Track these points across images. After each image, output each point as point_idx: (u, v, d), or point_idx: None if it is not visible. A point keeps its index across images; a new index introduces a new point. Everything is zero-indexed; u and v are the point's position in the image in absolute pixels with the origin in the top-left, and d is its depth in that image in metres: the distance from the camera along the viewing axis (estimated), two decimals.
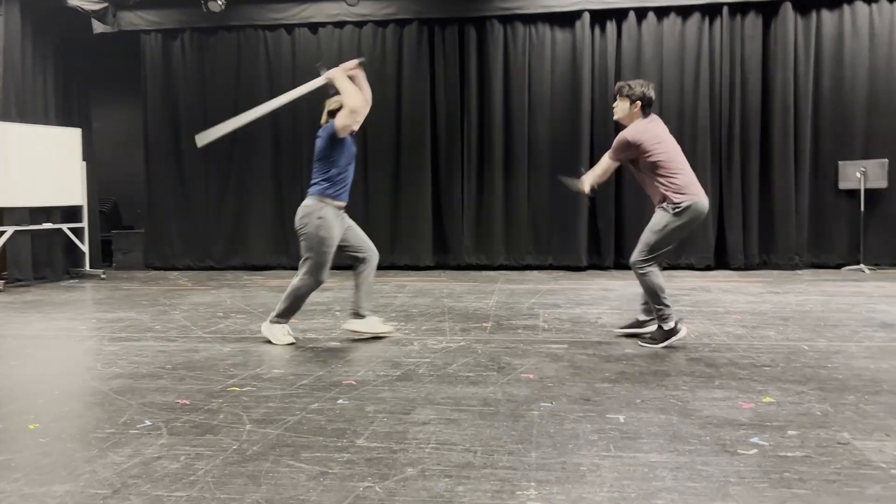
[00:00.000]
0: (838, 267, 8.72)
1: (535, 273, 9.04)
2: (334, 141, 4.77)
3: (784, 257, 8.85)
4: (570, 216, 9.11)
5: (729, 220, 8.93)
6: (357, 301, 5.00)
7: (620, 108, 4.64)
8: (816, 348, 4.55)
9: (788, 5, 8.73)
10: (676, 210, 4.47)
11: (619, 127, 4.80)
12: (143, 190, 10.07)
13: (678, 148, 4.64)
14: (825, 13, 8.78)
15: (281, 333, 4.92)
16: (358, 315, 5.01)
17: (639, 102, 4.55)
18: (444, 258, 9.52)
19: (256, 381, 3.91)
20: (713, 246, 8.93)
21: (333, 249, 4.79)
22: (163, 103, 9.89)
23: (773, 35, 8.88)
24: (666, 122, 9.71)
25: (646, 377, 3.91)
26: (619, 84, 4.69)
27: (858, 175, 8.48)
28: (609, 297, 6.93)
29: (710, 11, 8.90)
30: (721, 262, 8.96)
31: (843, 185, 8.68)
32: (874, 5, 8.67)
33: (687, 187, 4.50)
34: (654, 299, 4.58)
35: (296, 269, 5.03)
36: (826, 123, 8.85)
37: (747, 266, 8.87)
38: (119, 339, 5.17)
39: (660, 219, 4.53)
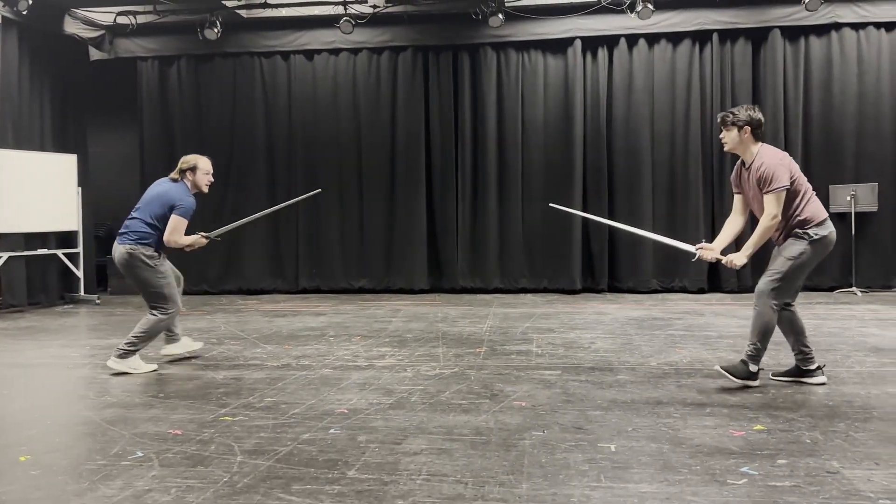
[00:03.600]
0: (831, 289, 8.76)
1: (529, 296, 9.06)
2: None
3: None
4: (563, 239, 9.16)
5: None
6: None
7: (730, 139, 4.26)
8: None
9: (777, 31, 8.86)
10: (813, 239, 4.12)
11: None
12: None
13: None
14: (813, 39, 8.91)
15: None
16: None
17: (748, 127, 4.21)
18: (439, 281, 9.55)
19: (248, 410, 3.91)
20: (706, 269, 8.97)
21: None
22: (159, 129, 9.95)
23: (762, 61, 9.01)
24: (657, 148, 9.84)
25: (637, 404, 3.93)
26: (721, 115, 4.36)
27: (848, 198, 8.56)
28: (603, 320, 6.95)
29: (701, 38, 9.03)
30: (714, 284, 9.01)
31: (833, 208, 8.74)
32: (861, 31, 8.80)
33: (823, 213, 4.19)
34: (761, 335, 4.16)
35: (290, 293, 5.10)
36: (816, 148, 8.95)
37: (740, 289, 8.90)
38: None
39: (795, 246, 4.13)
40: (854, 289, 8.55)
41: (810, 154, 8.95)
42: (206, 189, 5.12)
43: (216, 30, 8.98)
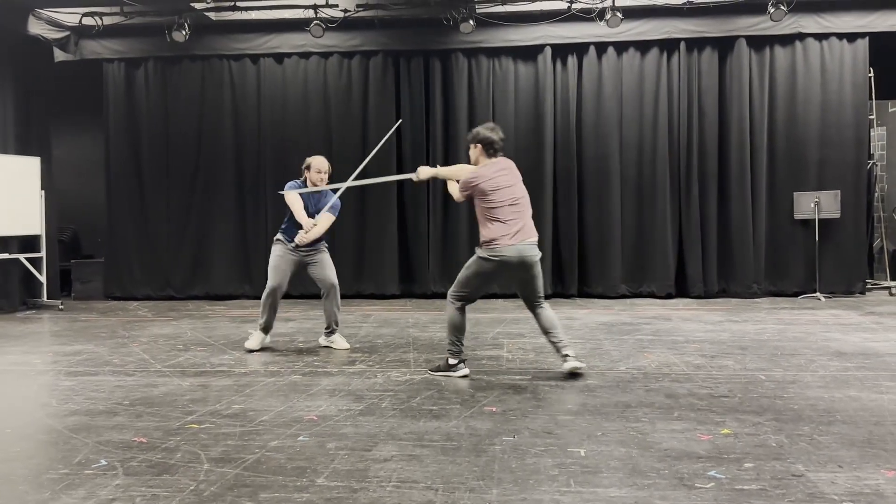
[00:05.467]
0: (795, 295, 8.91)
1: (500, 301, 9.06)
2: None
3: (743, 285, 9.02)
4: None
5: (688, 249, 9.10)
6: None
7: (472, 154, 4.83)
8: (773, 378, 4.64)
9: (743, 41, 9.01)
10: (480, 257, 4.73)
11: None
12: (103, 218, 9.93)
13: (516, 194, 4.74)
14: (778, 49, 9.07)
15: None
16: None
17: (479, 145, 4.73)
18: (410, 286, 9.52)
19: (215, 417, 3.86)
20: (674, 274, 9.08)
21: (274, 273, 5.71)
22: (125, 132, 9.79)
23: (728, 70, 9.15)
24: (626, 153, 9.92)
25: (607, 408, 3.95)
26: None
27: (812, 205, 8.72)
28: (573, 325, 6.98)
29: (668, 46, 9.14)
30: (681, 290, 9.11)
31: (798, 215, 8.92)
32: (824, 42, 8.99)
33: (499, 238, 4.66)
34: (452, 332, 4.73)
35: (258, 298, 5.55)
36: (781, 155, 9.10)
37: (707, 294, 9.02)
38: (76, 373, 5.06)
39: (471, 260, 4.79)
40: (818, 294, 8.70)
41: (775, 161, 9.11)
42: (319, 184, 5.82)
43: (184, 32, 8.87)
